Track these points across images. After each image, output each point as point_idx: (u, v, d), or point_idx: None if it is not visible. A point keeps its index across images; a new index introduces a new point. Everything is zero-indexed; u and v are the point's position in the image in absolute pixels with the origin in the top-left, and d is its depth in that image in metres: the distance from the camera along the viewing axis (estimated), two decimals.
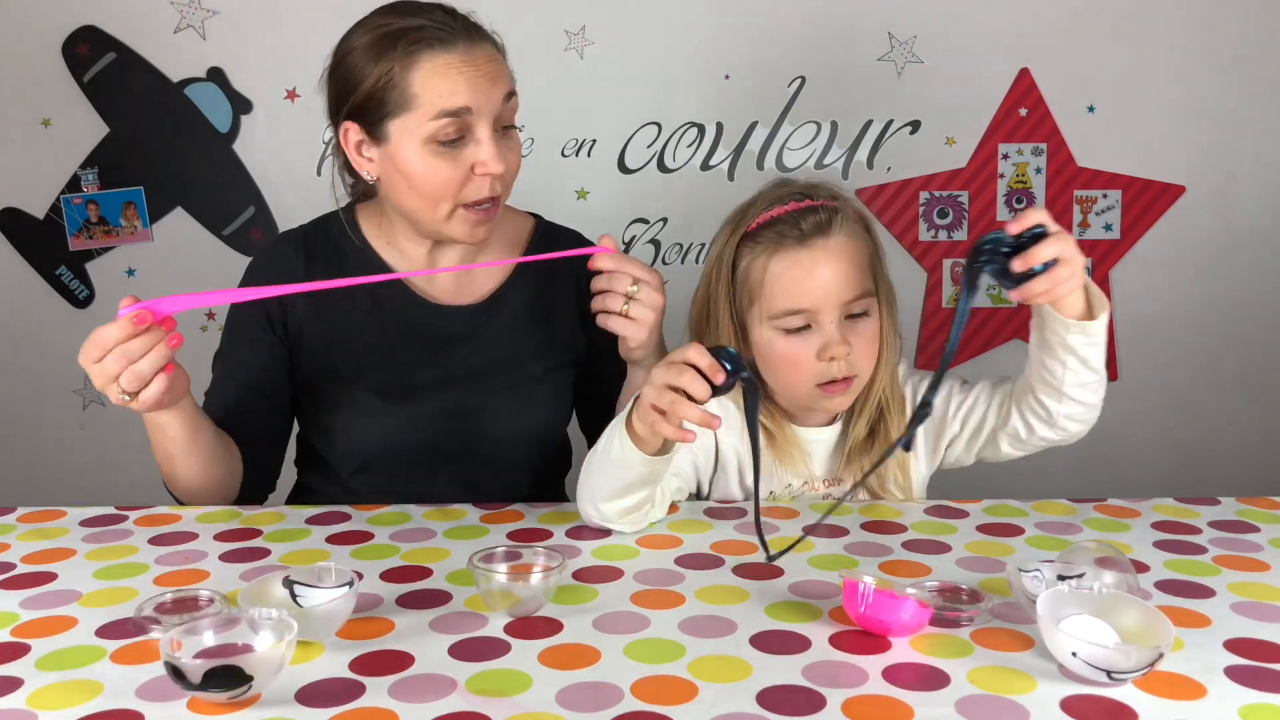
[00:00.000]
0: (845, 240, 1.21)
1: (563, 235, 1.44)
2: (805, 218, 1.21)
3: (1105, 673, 0.79)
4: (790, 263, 1.20)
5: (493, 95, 1.22)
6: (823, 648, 0.86)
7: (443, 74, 1.19)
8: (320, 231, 1.38)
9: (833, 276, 1.20)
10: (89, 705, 0.79)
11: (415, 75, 1.19)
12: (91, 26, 2.17)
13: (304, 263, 1.35)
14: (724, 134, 2.22)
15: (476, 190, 1.23)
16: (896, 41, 2.19)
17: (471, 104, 1.20)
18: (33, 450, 2.32)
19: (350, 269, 1.35)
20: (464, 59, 1.20)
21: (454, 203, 1.24)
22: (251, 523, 1.19)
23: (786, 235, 1.21)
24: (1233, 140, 2.22)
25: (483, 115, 1.21)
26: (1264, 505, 1.20)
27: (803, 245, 1.20)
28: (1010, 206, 2.26)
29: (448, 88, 1.19)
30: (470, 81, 1.20)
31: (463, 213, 1.24)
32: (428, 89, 1.19)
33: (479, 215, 1.25)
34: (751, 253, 1.23)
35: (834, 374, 1.21)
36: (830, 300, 1.20)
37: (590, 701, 0.78)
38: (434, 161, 1.21)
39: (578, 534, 1.14)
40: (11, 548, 1.11)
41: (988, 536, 1.12)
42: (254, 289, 1.17)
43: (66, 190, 2.22)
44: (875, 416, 1.28)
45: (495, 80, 1.22)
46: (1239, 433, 2.32)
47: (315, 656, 0.86)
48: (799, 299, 1.20)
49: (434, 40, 1.20)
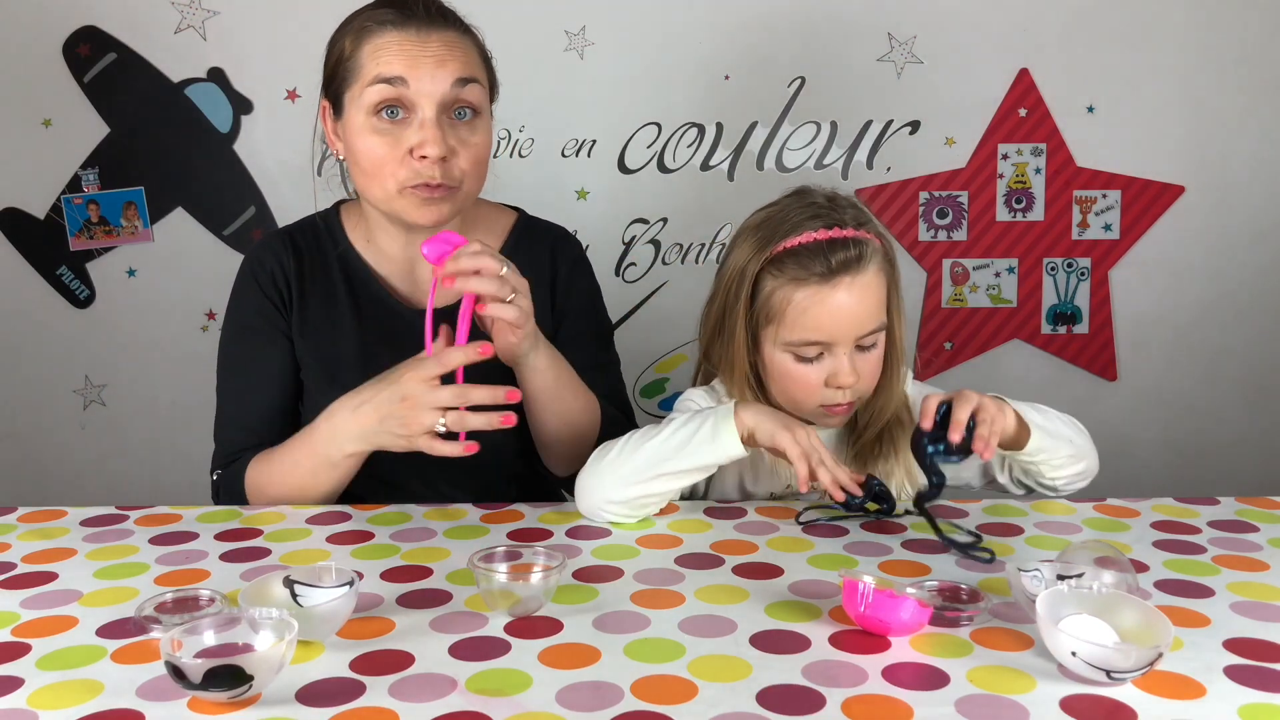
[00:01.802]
0: (870, 278, 1.22)
1: (541, 230, 1.44)
2: (835, 253, 1.20)
3: (1105, 672, 0.79)
4: (815, 299, 1.21)
5: (438, 75, 1.21)
6: (823, 647, 0.87)
7: (385, 47, 1.22)
8: (306, 231, 1.39)
9: (854, 314, 1.21)
10: (89, 705, 0.79)
11: (365, 48, 1.23)
12: (92, 26, 2.18)
13: (293, 260, 1.36)
14: (724, 134, 2.22)
15: (414, 174, 1.22)
16: (896, 41, 2.19)
17: (407, 75, 1.20)
18: (33, 450, 2.33)
19: (331, 269, 1.36)
20: (412, 38, 1.22)
21: (396, 183, 1.23)
22: (251, 523, 1.19)
23: (814, 270, 1.21)
24: (1233, 140, 2.22)
25: (424, 95, 1.21)
26: (1264, 505, 1.20)
27: (828, 282, 1.20)
28: (1010, 206, 2.26)
29: (387, 59, 1.21)
30: (411, 57, 1.21)
31: (409, 192, 1.24)
32: (370, 59, 1.22)
33: (425, 193, 1.23)
34: (775, 279, 1.23)
35: (839, 400, 1.24)
36: (848, 336, 1.22)
37: (590, 701, 0.78)
38: (373, 138, 1.23)
39: (578, 534, 1.14)
40: (12, 548, 1.11)
41: (988, 536, 1.12)
42: None
43: (67, 190, 2.22)
44: (882, 426, 1.30)
45: (444, 62, 1.22)
46: (1239, 433, 2.32)
47: (315, 656, 0.86)
48: (817, 332, 1.22)
49: (388, 20, 1.22)
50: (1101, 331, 2.29)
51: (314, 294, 1.35)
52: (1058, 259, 2.28)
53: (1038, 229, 2.27)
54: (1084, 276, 2.28)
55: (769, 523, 1.16)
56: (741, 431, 1.13)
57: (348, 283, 1.35)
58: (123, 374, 2.30)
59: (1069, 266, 2.28)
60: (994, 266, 2.29)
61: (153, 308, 2.26)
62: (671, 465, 1.14)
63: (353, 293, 1.35)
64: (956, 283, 2.29)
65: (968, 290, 2.30)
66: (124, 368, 2.30)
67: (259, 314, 1.35)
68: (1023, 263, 2.28)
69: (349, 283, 1.35)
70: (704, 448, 1.13)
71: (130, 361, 2.29)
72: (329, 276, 1.36)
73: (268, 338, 1.35)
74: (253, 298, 1.36)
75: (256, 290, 1.35)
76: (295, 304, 1.35)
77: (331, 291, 1.35)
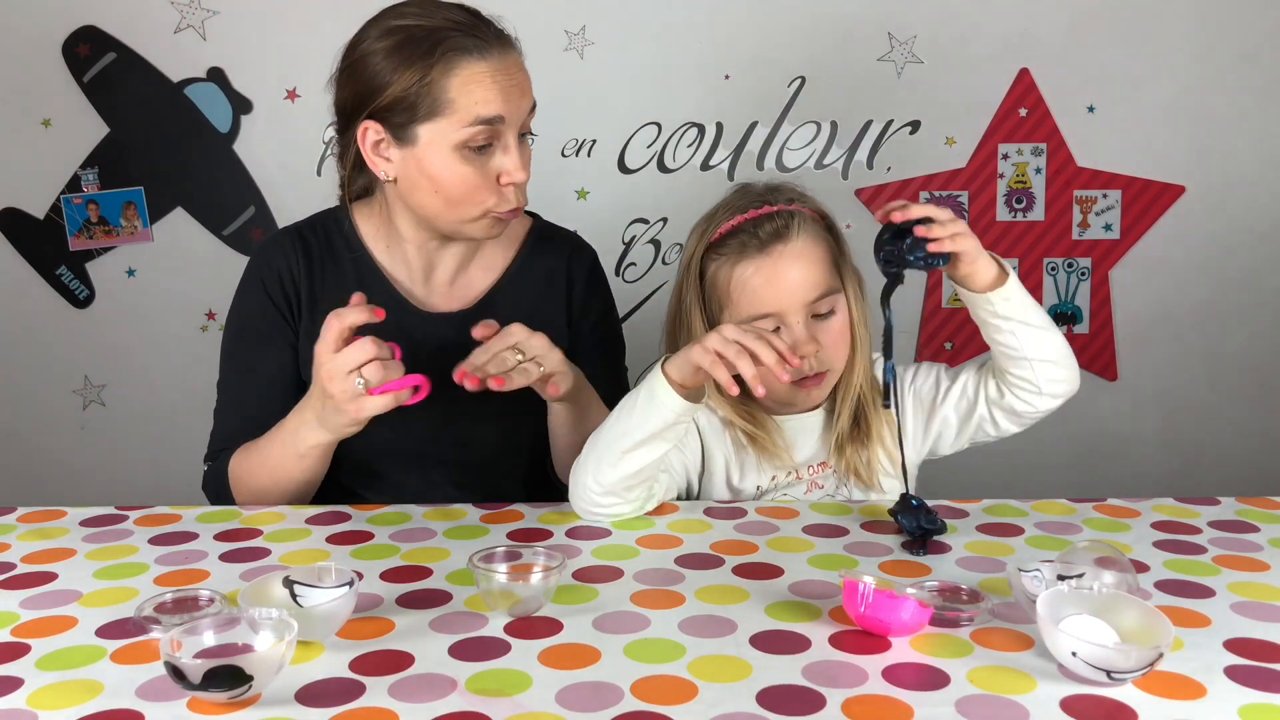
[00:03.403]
0: (804, 243, 1.25)
1: (558, 235, 1.44)
2: (763, 225, 1.25)
3: (1105, 672, 0.79)
4: (752, 270, 1.24)
5: (522, 105, 1.23)
6: (823, 648, 0.87)
7: (479, 82, 1.20)
8: (316, 230, 1.38)
9: (795, 279, 1.23)
10: (89, 705, 0.79)
11: (452, 81, 1.19)
12: (91, 26, 2.17)
13: (302, 259, 1.35)
14: (724, 134, 2.22)
15: (502, 199, 1.24)
16: (896, 41, 2.19)
17: (505, 113, 1.21)
18: (33, 450, 2.33)
19: (344, 270, 1.35)
20: (498, 67, 1.21)
21: (482, 209, 1.24)
22: (251, 523, 1.19)
23: (747, 244, 1.25)
24: (1233, 140, 2.22)
25: (512, 125, 1.22)
26: (1264, 505, 1.20)
27: (763, 252, 1.24)
28: (1010, 206, 2.26)
29: (484, 95, 1.20)
30: (504, 91, 1.21)
31: (493, 217, 1.26)
32: (464, 95, 1.19)
33: (508, 216, 1.27)
34: (716, 261, 1.27)
35: (806, 371, 1.24)
36: (795, 302, 1.23)
37: (590, 701, 0.78)
38: (463, 168, 1.22)
39: (578, 534, 1.14)
40: (11, 548, 1.11)
41: (988, 536, 1.12)
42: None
43: (66, 190, 2.22)
44: (856, 406, 1.30)
45: (525, 91, 1.24)
46: (1239, 433, 2.32)
47: (315, 656, 0.86)
48: (764, 304, 1.23)
49: (471, 47, 1.20)
50: (1102, 331, 2.29)
51: (325, 295, 1.34)
52: (1058, 259, 2.28)
53: (1038, 229, 2.27)
54: (1084, 276, 2.28)
55: (769, 523, 1.16)
56: (671, 380, 1.13)
57: (360, 284, 1.34)
58: (122, 374, 2.30)
59: (1069, 266, 2.28)
60: None
61: (152, 308, 2.26)
62: (629, 439, 1.14)
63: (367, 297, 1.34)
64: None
65: None
66: (124, 368, 2.30)
67: (262, 316, 1.35)
68: (1023, 263, 2.28)
69: (361, 284, 1.34)
70: (648, 410, 1.14)
71: (130, 361, 2.29)
72: (342, 278, 1.35)
73: (268, 340, 1.35)
74: (257, 299, 1.35)
75: (261, 292, 1.35)
76: (305, 306, 1.34)
77: (344, 293, 1.33)
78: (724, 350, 1.09)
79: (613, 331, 1.47)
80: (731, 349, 1.08)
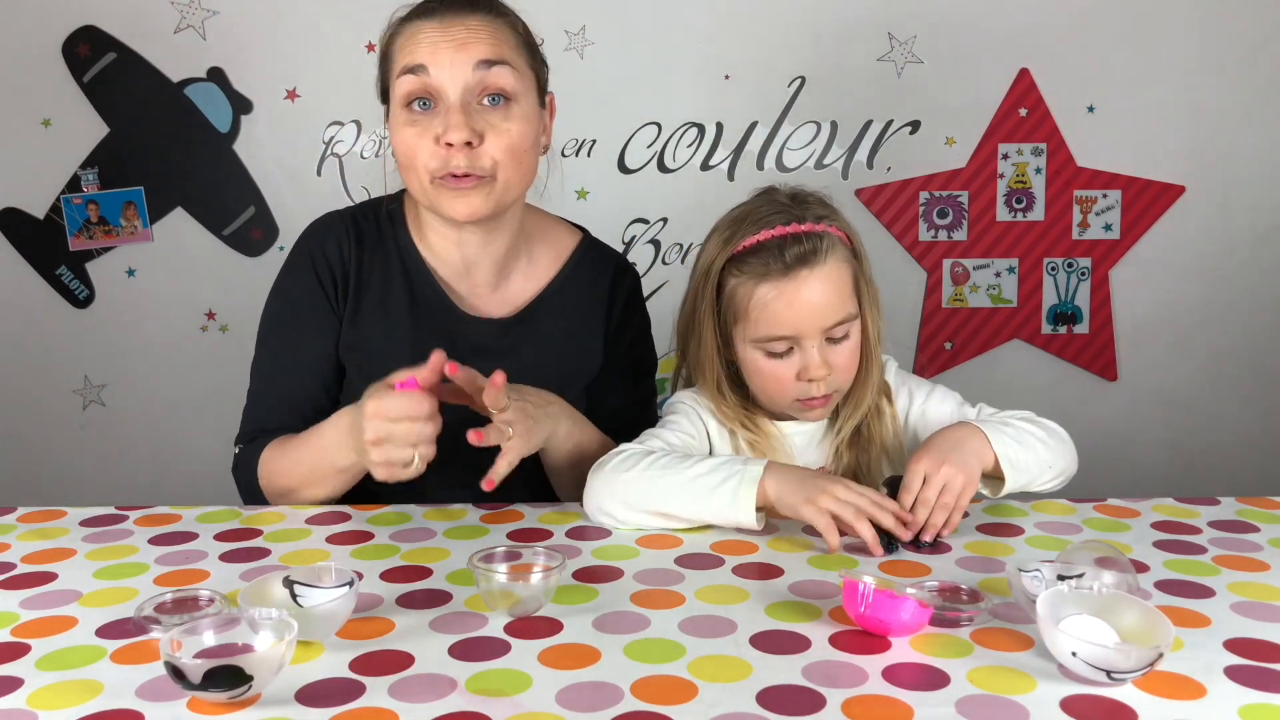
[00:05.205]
0: (830, 269, 1.21)
1: (606, 254, 1.42)
2: (790, 247, 1.20)
3: (1105, 672, 0.79)
4: (775, 293, 1.21)
5: (458, 60, 1.19)
6: (823, 648, 0.86)
7: (410, 36, 1.22)
8: (369, 217, 1.36)
9: (816, 306, 1.21)
10: (89, 705, 0.79)
11: (395, 42, 1.24)
12: (91, 26, 2.18)
13: (353, 244, 1.33)
14: (724, 134, 2.22)
15: (443, 163, 1.20)
16: (896, 41, 2.19)
17: (428, 62, 1.19)
18: (33, 450, 2.33)
19: (391, 261, 1.33)
20: (436, 25, 1.21)
21: (428, 174, 1.22)
22: (251, 523, 1.19)
23: (771, 265, 1.21)
24: (1233, 140, 2.22)
25: (446, 81, 1.20)
26: (1264, 505, 1.20)
27: (787, 276, 1.20)
28: (1010, 206, 2.26)
29: (410, 47, 1.21)
30: (432, 43, 1.20)
31: (440, 183, 1.22)
32: (399, 52, 1.23)
33: (453, 184, 1.21)
34: (737, 277, 1.23)
35: (813, 393, 1.23)
36: (813, 328, 1.21)
37: (590, 702, 0.78)
38: (405, 130, 1.22)
39: (578, 534, 1.14)
40: (11, 548, 1.11)
41: (988, 536, 1.12)
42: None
43: (66, 190, 2.22)
44: (861, 420, 1.29)
45: (465, 45, 1.20)
46: (1239, 433, 2.32)
47: (315, 656, 0.86)
48: (782, 327, 1.21)
49: (420, 12, 1.23)
50: (1102, 331, 2.29)
51: (372, 285, 1.32)
52: (1058, 259, 2.28)
53: (1038, 229, 2.27)
54: (1084, 276, 2.28)
55: (769, 523, 1.16)
56: (761, 499, 1.11)
57: (405, 276, 1.32)
58: (122, 374, 2.30)
59: (1069, 266, 2.28)
60: (994, 266, 2.29)
61: (152, 308, 2.26)
62: (681, 510, 1.12)
63: (410, 288, 1.32)
64: (957, 283, 2.29)
65: (968, 290, 2.30)
66: (123, 368, 2.30)
67: (308, 297, 1.32)
68: (1023, 263, 2.28)
69: (407, 276, 1.32)
70: (720, 506, 1.11)
71: (130, 361, 2.29)
72: (388, 268, 1.32)
73: (313, 323, 1.32)
74: (306, 279, 1.32)
75: (311, 273, 1.32)
76: (352, 293, 1.32)
77: (389, 284, 1.31)
78: (840, 513, 1.07)
79: (647, 356, 1.45)
80: (848, 511, 1.07)
